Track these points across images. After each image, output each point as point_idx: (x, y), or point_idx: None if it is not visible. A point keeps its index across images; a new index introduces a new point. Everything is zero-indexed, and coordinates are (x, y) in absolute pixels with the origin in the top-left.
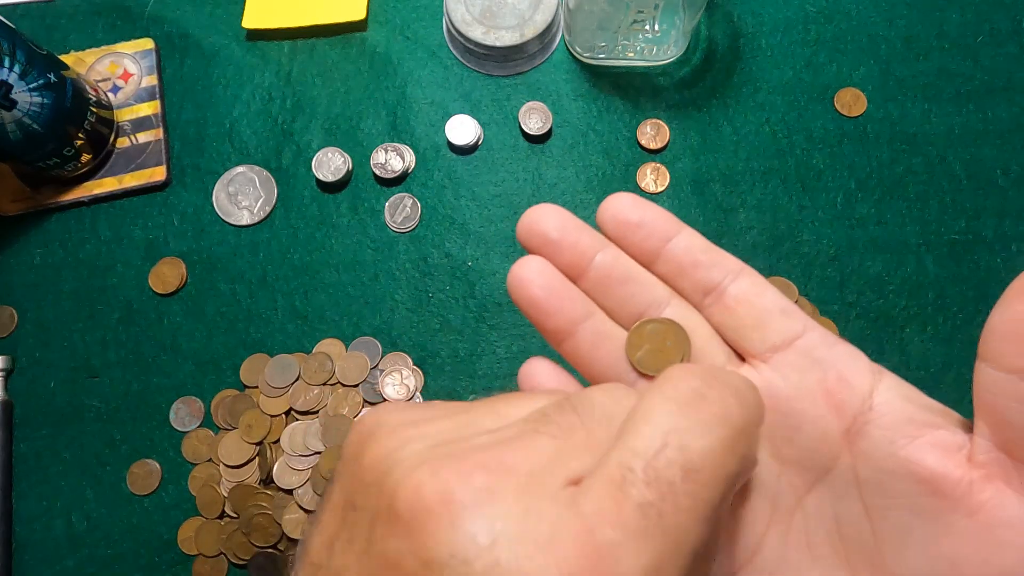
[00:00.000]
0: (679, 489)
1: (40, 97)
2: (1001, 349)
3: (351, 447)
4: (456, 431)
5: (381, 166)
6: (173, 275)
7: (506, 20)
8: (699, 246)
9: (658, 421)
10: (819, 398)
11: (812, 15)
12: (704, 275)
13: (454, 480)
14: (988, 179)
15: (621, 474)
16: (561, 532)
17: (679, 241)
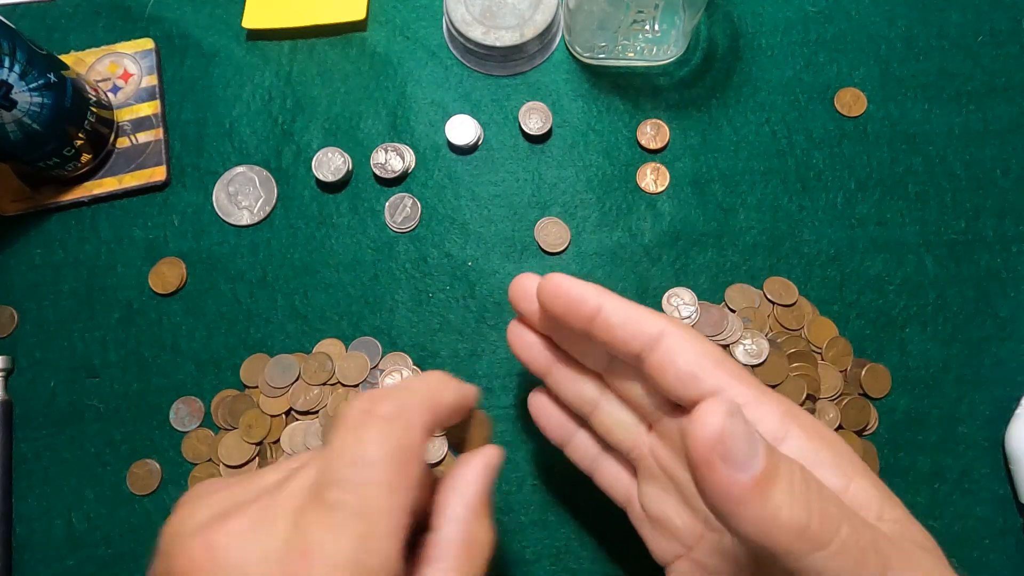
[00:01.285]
0: (360, 479)
1: (40, 97)
2: None
3: (165, 526)
4: (240, 493)
5: (381, 166)
6: (173, 275)
7: (506, 20)
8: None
9: (335, 439)
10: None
11: (812, 15)
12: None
13: (215, 533)
14: (988, 179)
15: (317, 485)
16: (287, 545)
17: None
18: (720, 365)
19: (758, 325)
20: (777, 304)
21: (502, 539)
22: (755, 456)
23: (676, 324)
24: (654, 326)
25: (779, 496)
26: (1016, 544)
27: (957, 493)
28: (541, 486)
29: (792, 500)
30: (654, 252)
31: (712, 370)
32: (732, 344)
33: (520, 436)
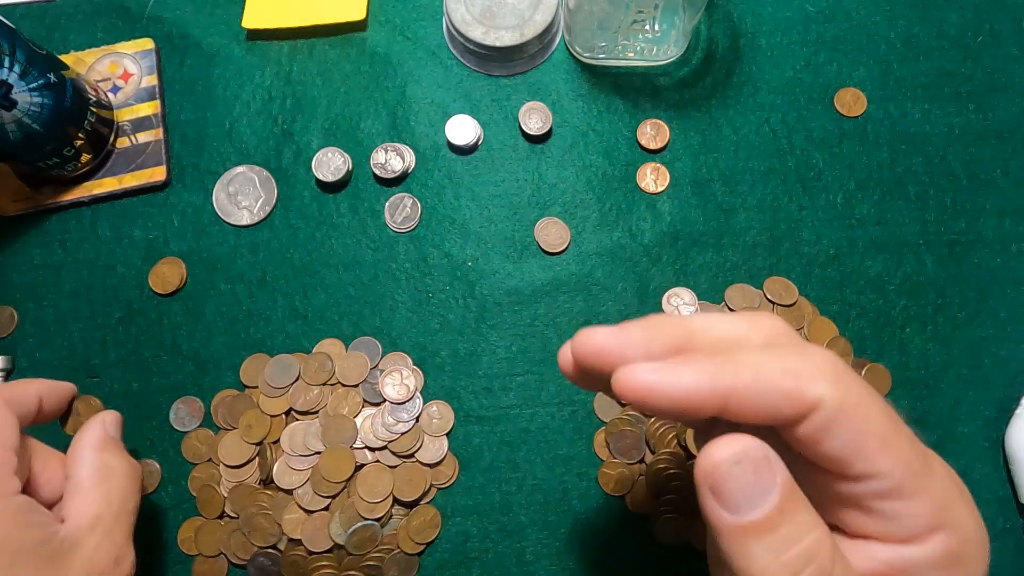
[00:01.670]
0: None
1: (40, 97)
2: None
3: None
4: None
5: (381, 166)
6: (173, 275)
7: (506, 20)
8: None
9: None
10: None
11: (812, 15)
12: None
13: None
14: (988, 179)
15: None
16: None
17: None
18: (885, 448)
19: None
20: (777, 304)
21: (502, 539)
22: (749, 506)
23: (839, 385)
24: (811, 393)
25: (760, 551)
26: (1016, 544)
27: None
28: (541, 486)
29: (771, 560)
30: (654, 252)
31: (871, 455)
32: None
33: (520, 436)
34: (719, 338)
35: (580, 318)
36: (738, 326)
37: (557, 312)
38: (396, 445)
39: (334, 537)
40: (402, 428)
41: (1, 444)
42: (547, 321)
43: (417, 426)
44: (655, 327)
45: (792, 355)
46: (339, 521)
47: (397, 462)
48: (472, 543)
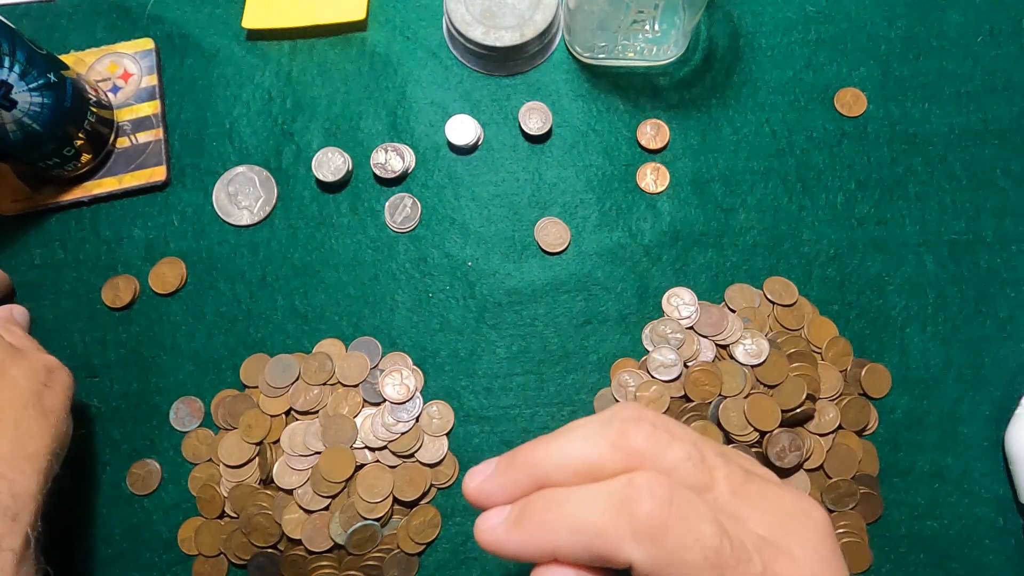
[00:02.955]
0: None
1: (40, 97)
2: None
3: None
4: None
5: (381, 166)
6: (173, 275)
7: (506, 20)
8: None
9: None
10: None
11: (812, 15)
12: None
13: None
14: (988, 179)
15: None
16: None
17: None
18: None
19: (758, 325)
20: (777, 304)
21: None
22: None
23: (652, 546)
24: (622, 556)
25: None
26: (1016, 544)
27: (957, 493)
28: None
29: None
30: (654, 252)
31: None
32: (732, 344)
33: (520, 437)
34: (574, 472)
35: (580, 318)
36: (593, 454)
37: (557, 312)
38: (396, 445)
39: (334, 537)
40: (402, 428)
41: None
42: (547, 321)
43: (417, 426)
44: (510, 475)
45: (611, 511)
46: (339, 521)
47: (397, 462)
48: (472, 543)
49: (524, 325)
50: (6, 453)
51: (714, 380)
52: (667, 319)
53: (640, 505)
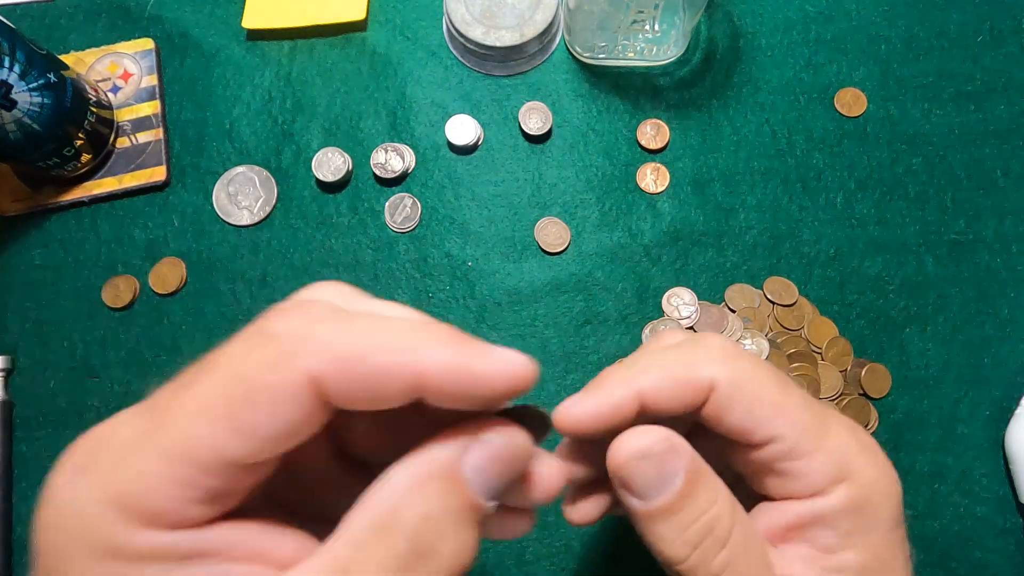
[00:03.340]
0: (184, 379)
1: (40, 97)
2: None
3: None
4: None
5: (381, 166)
6: (173, 275)
7: (506, 20)
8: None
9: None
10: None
11: (812, 15)
12: None
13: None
14: (988, 179)
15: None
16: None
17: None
18: (777, 413)
19: (758, 325)
20: (777, 304)
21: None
22: (655, 494)
23: (728, 364)
24: (703, 375)
25: (664, 530)
26: (1016, 544)
27: (957, 493)
28: None
29: (675, 538)
30: (654, 252)
31: (767, 422)
32: None
33: None
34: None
35: (580, 318)
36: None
37: (557, 312)
38: None
39: None
40: None
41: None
42: (547, 321)
43: None
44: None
45: (686, 348)
46: None
47: None
48: None
49: (524, 325)
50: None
51: None
52: (667, 319)
53: (713, 340)
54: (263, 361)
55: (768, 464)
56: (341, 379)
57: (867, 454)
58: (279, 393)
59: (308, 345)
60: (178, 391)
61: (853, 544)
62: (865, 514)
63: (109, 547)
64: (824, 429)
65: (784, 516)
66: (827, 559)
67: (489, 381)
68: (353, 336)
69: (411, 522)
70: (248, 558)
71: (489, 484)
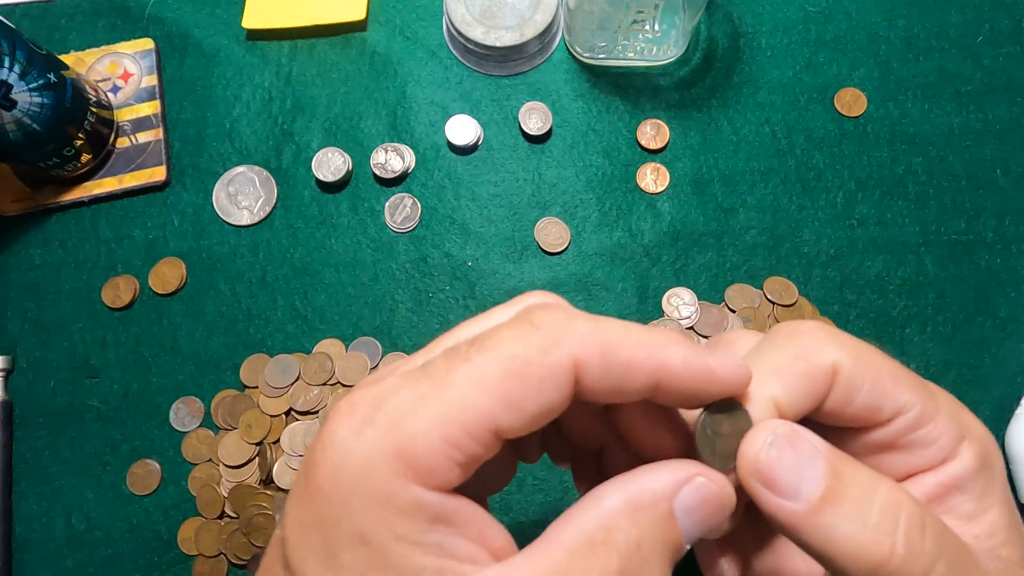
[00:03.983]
0: (459, 354)
1: (40, 97)
2: None
3: None
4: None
5: (381, 166)
6: (173, 275)
7: (506, 20)
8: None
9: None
10: None
11: (812, 15)
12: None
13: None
14: (988, 179)
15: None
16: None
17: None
18: (899, 383)
19: (758, 325)
20: (777, 304)
21: None
22: (805, 482)
23: (841, 345)
24: (826, 361)
25: (842, 524)
26: None
27: None
28: (541, 486)
29: (862, 527)
30: (654, 252)
31: (894, 394)
32: None
33: None
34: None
35: None
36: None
37: None
38: None
39: None
40: None
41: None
42: None
43: None
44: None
45: (788, 341)
46: None
47: None
48: None
49: None
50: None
51: None
52: (667, 319)
53: (807, 325)
54: (535, 345)
55: (894, 440)
56: (597, 366)
57: (966, 410)
58: (548, 373)
59: (571, 334)
60: (453, 363)
61: (992, 503)
62: (991, 469)
63: (387, 496)
64: (932, 390)
65: (918, 491)
66: (973, 526)
67: (720, 379)
68: (607, 330)
69: (624, 545)
70: (474, 538)
71: (694, 528)
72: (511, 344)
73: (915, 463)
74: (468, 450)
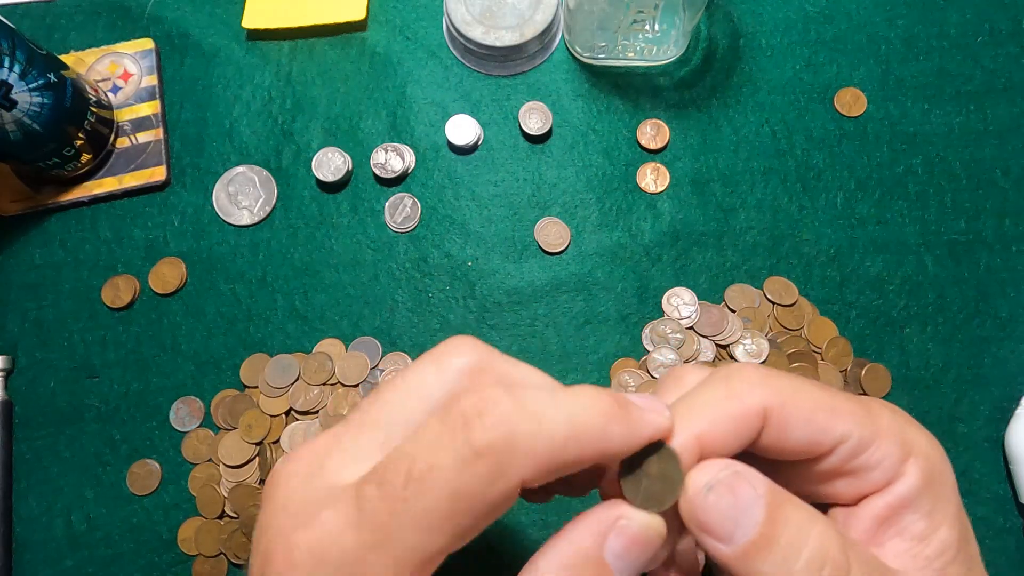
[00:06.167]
0: (397, 493)
1: (40, 97)
2: None
3: None
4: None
5: (381, 166)
6: (173, 275)
7: (506, 20)
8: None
9: (417, 435)
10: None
11: (812, 15)
12: None
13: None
14: (988, 179)
15: (369, 474)
16: (320, 510)
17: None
18: (834, 414)
19: (758, 325)
20: (777, 304)
21: (502, 540)
22: (739, 529)
23: (770, 386)
24: (753, 403)
25: (769, 569)
26: (1016, 544)
27: None
28: None
29: (786, 574)
30: (654, 252)
31: (829, 426)
32: (732, 344)
33: None
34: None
35: (580, 318)
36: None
37: (557, 312)
38: None
39: None
40: None
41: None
42: (547, 321)
43: None
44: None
45: (720, 384)
46: None
47: None
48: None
49: (524, 325)
50: None
51: None
52: (667, 319)
53: (740, 368)
54: (479, 477)
55: (839, 468)
56: (543, 476)
57: (912, 425)
58: (497, 502)
59: (515, 459)
60: (394, 506)
61: (941, 520)
62: (939, 485)
63: None
64: (873, 412)
65: (869, 514)
66: (925, 546)
67: (649, 438)
68: (547, 436)
69: None
70: None
71: (629, 568)
72: (455, 480)
73: (864, 486)
74: (423, 573)
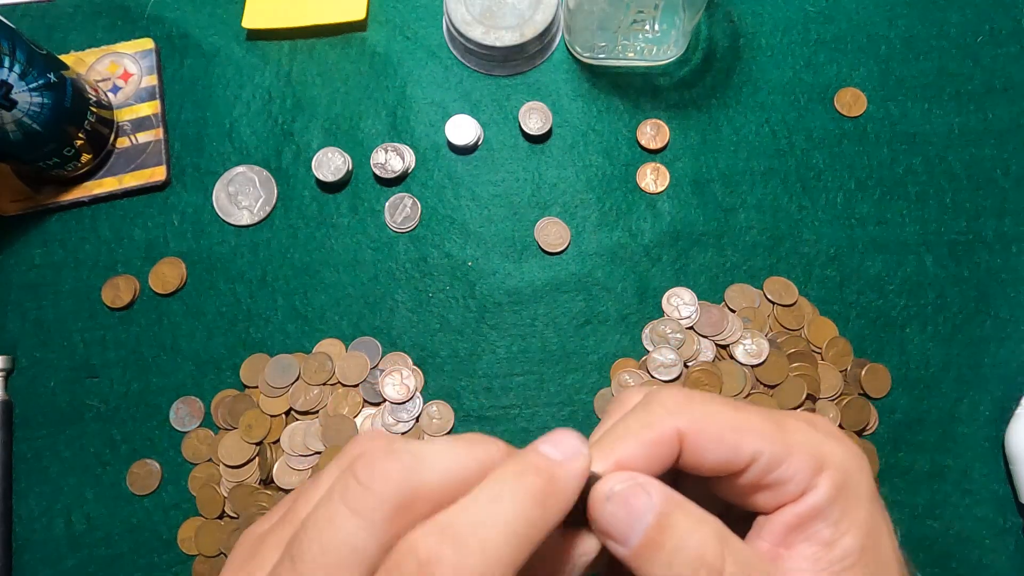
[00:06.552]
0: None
1: (40, 97)
2: None
3: None
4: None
5: (381, 166)
6: (173, 275)
7: (506, 20)
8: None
9: (324, 497)
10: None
11: (812, 15)
12: None
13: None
14: (988, 179)
15: (287, 551)
16: None
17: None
18: (742, 434)
19: (758, 325)
20: (777, 304)
21: None
22: (633, 533)
23: (682, 413)
24: (667, 430)
25: (654, 569)
26: (1016, 544)
27: (957, 493)
28: None
29: (667, 573)
30: (654, 252)
31: (739, 447)
32: (732, 344)
33: (520, 436)
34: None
35: (580, 318)
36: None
37: (557, 312)
38: None
39: None
40: (402, 428)
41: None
42: (547, 321)
43: (417, 426)
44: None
45: (640, 411)
46: None
47: None
48: None
49: (524, 325)
50: None
51: (714, 380)
52: (667, 319)
53: (661, 393)
54: None
55: (756, 482)
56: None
57: (831, 439)
58: None
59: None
60: None
61: (847, 528)
62: (848, 495)
63: None
64: (787, 430)
65: (782, 521)
66: (830, 552)
67: (579, 488)
68: (469, 548)
69: None
70: None
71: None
72: None
73: (780, 498)
74: None
